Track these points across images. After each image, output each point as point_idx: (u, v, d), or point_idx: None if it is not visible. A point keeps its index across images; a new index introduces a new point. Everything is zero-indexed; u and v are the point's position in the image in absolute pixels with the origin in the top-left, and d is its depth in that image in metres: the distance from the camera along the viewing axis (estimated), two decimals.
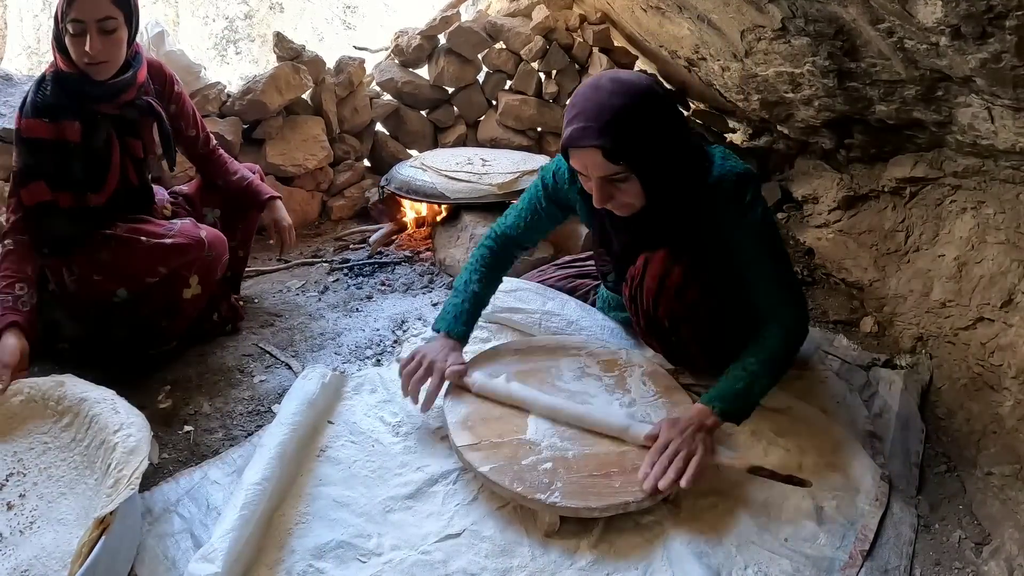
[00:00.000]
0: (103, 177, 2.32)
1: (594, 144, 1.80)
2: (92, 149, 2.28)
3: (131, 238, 2.28)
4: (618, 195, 1.92)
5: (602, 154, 1.81)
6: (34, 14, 8.63)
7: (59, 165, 2.23)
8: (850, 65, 2.41)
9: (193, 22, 9.52)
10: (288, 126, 3.88)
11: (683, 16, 3.10)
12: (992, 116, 2.09)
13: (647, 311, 2.16)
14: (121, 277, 2.29)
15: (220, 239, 2.46)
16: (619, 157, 1.81)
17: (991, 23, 1.61)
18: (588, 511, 1.77)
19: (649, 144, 1.83)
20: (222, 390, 2.39)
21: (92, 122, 2.26)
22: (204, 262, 2.38)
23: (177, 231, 2.34)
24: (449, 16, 4.27)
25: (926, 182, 2.83)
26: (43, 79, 2.24)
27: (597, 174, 1.86)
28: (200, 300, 2.45)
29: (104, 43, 2.13)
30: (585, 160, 1.86)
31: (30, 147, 2.22)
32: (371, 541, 1.76)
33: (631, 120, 1.80)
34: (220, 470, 2.00)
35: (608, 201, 1.92)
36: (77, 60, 2.16)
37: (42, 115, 2.20)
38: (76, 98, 2.23)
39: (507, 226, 2.41)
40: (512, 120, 4.43)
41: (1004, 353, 2.31)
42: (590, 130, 1.80)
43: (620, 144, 1.79)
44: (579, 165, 1.90)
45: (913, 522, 1.92)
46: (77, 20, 2.08)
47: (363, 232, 3.82)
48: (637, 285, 2.14)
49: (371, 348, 2.66)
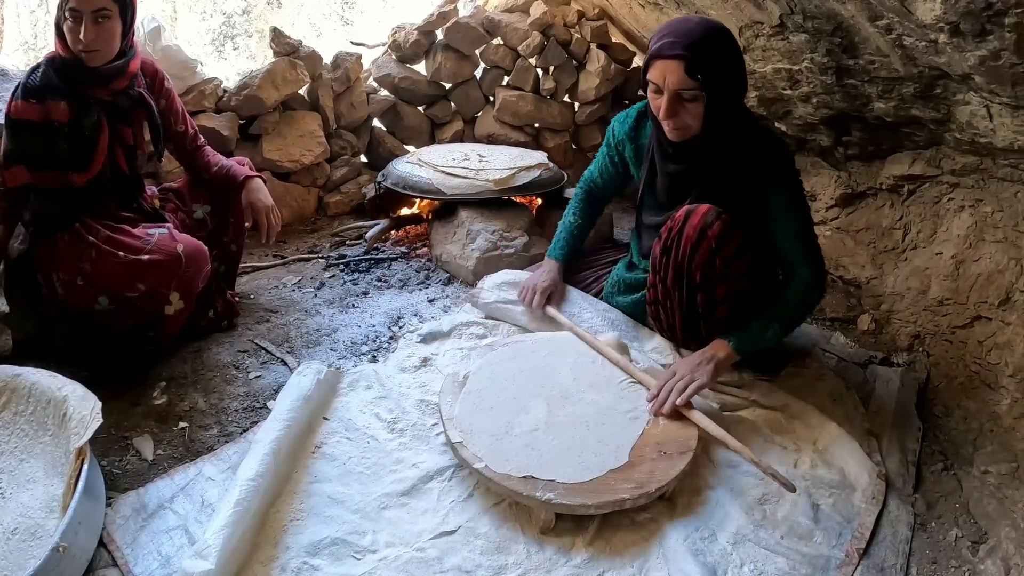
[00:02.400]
0: (88, 158, 2.38)
1: (679, 54, 1.98)
2: (79, 130, 2.34)
3: (109, 251, 2.29)
4: (682, 113, 2.07)
5: (684, 66, 1.98)
6: (31, 9, 8.60)
7: (44, 145, 2.30)
8: (848, 62, 2.40)
9: (191, 17, 9.49)
10: (285, 122, 3.87)
11: (681, 12, 3.09)
12: (991, 114, 2.08)
13: (679, 263, 2.18)
14: (102, 287, 2.29)
15: (198, 252, 2.42)
16: (697, 71, 1.98)
17: (990, 20, 1.61)
18: (584, 508, 1.77)
19: (724, 71, 2.03)
20: (217, 386, 2.39)
21: (83, 105, 2.33)
22: (183, 279, 2.35)
23: (154, 245, 2.32)
24: (447, 12, 4.25)
25: (924, 180, 2.82)
26: (37, 66, 2.32)
27: (672, 87, 2.02)
28: (184, 313, 2.44)
29: (98, 32, 2.23)
30: (665, 71, 2.02)
31: (16, 129, 2.28)
32: (366, 538, 1.75)
33: (714, 47, 2.01)
34: (215, 467, 2.00)
35: (672, 116, 2.07)
36: (72, 46, 2.25)
37: (30, 97, 2.27)
38: (67, 81, 2.30)
39: (590, 171, 2.77)
40: (509, 116, 4.43)
41: (1001, 351, 2.31)
42: (677, 44, 1.99)
43: (702, 60, 1.97)
44: (657, 76, 2.05)
45: (910, 520, 1.91)
46: (75, 9, 2.19)
47: (359, 228, 3.81)
48: (676, 233, 2.17)
49: (367, 344, 2.65)
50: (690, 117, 2.08)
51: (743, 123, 2.19)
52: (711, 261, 2.12)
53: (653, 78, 2.07)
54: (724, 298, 2.19)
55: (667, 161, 2.28)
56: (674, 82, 2.01)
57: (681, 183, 2.27)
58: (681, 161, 2.24)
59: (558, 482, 1.80)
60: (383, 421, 2.16)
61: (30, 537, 1.72)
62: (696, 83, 2.00)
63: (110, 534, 1.76)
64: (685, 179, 2.26)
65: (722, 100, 2.07)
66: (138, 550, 1.73)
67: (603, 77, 4.36)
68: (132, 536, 1.76)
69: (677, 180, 2.28)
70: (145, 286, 2.27)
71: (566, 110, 4.58)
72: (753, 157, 2.17)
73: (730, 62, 2.06)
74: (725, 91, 2.06)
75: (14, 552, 1.68)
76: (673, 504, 1.88)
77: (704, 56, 1.98)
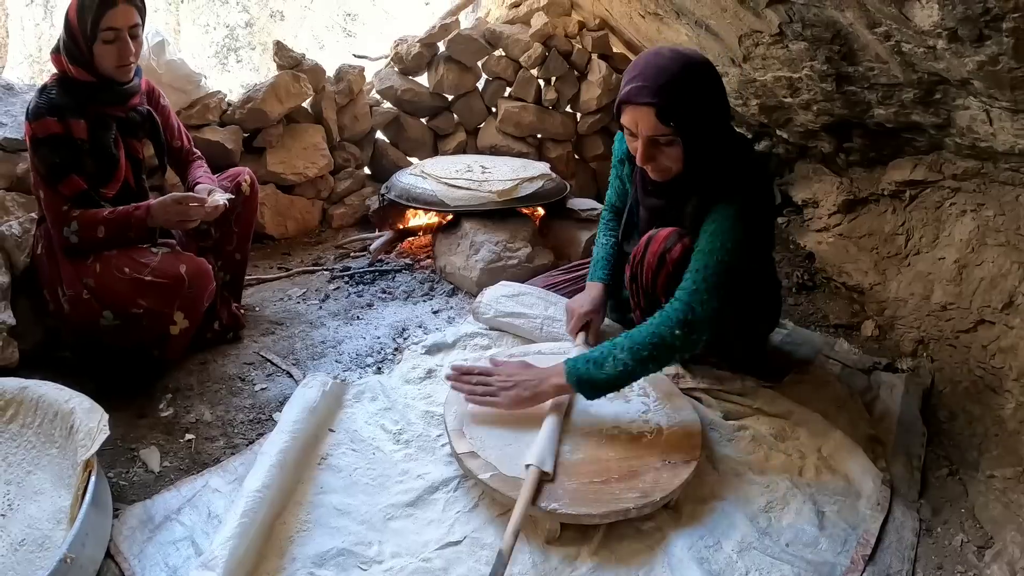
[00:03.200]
0: (111, 173, 2.42)
1: (648, 102, 1.90)
2: (102, 146, 2.37)
3: (113, 267, 2.30)
4: (660, 157, 2.01)
5: (654, 113, 1.90)
6: (35, 23, 8.67)
7: (75, 159, 2.32)
8: (848, 69, 2.41)
9: (194, 30, 9.55)
10: (288, 134, 3.89)
11: (681, 22, 3.11)
12: (990, 118, 2.09)
13: (646, 288, 2.17)
14: (106, 302, 2.30)
15: (201, 271, 2.40)
16: (669, 118, 1.90)
17: (988, 26, 1.62)
18: (588, 518, 1.77)
19: (699, 111, 1.93)
20: (223, 398, 2.40)
21: (100, 122, 2.36)
22: (186, 299, 2.35)
23: (157, 264, 2.32)
24: (448, 24, 4.28)
25: (926, 185, 2.83)
26: (45, 87, 2.33)
27: (646, 133, 1.95)
28: (189, 331, 2.44)
29: (134, 47, 2.31)
30: (636, 116, 1.95)
31: (49, 145, 2.28)
32: (372, 549, 1.75)
33: (686, 87, 1.90)
34: (221, 478, 2.00)
35: (650, 161, 2.01)
36: (110, 64, 2.29)
37: (50, 115, 2.27)
38: (83, 101, 2.32)
39: (608, 194, 2.67)
40: (512, 127, 4.44)
41: (1005, 355, 2.31)
42: (646, 89, 1.90)
43: (672, 106, 1.89)
44: (630, 122, 1.98)
45: (915, 526, 1.91)
46: (112, 28, 2.24)
47: (363, 240, 3.82)
48: (638, 261, 2.17)
49: (372, 356, 2.66)
50: (668, 160, 2.02)
51: (728, 154, 2.07)
52: (673, 284, 2.03)
53: (626, 123, 2.00)
54: None
55: (647, 196, 2.26)
56: (647, 129, 1.94)
57: (660, 218, 2.22)
58: (661, 196, 2.20)
59: (563, 492, 1.81)
60: (388, 432, 2.16)
61: (37, 548, 1.73)
62: (670, 129, 1.92)
63: (117, 545, 1.76)
64: (664, 214, 2.21)
65: (700, 140, 1.98)
66: (145, 561, 1.73)
67: (604, 87, 4.37)
68: (139, 547, 1.77)
69: (657, 215, 2.24)
70: (147, 304, 2.28)
71: (568, 120, 4.59)
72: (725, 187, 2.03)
73: (705, 100, 1.96)
74: (702, 131, 1.97)
75: (21, 563, 1.69)
76: (678, 513, 1.88)
77: (676, 100, 1.89)
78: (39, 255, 2.43)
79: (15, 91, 2.96)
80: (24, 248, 2.51)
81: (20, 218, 2.56)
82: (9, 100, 2.83)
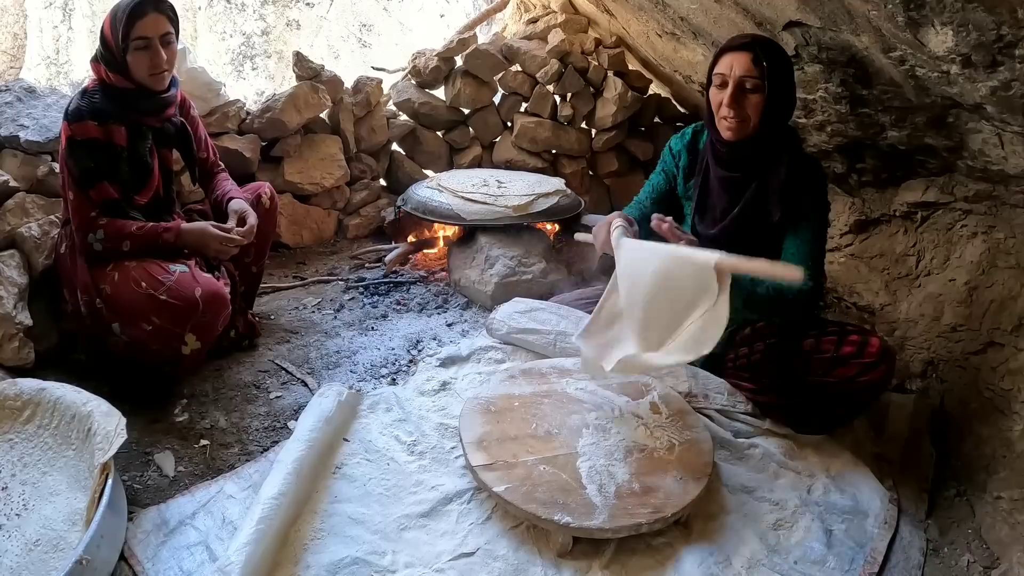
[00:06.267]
0: (145, 181, 2.47)
1: (747, 44, 2.14)
2: (138, 155, 2.42)
3: (131, 278, 2.29)
4: (744, 103, 2.16)
5: (751, 57, 2.12)
6: (53, 25, 8.74)
7: (111, 165, 2.36)
8: (862, 92, 2.44)
9: (211, 37, 9.61)
10: (306, 144, 3.93)
11: (697, 42, 3.14)
12: (1002, 142, 2.11)
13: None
14: (117, 312, 2.31)
15: (217, 297, 2.36)
16: (762, 61, 2.11)
17: (1001, 52, 1.64)
18: (600, 532, 1.79)
19: (783, 71, 2.17)
20: (238, 405, 2.42)
21: (137, 131, 2.41)
22: (199, 323, 2.32)
23: (174, 284, 2.28)
24: (466, 38, 4.31)
25: (937, 207, 2.84)
26: (86, 90, 2.36)
27: (739, 73, 2.13)
28: (202, 352, 2.43)
29: (167, 54, 2.34)
30: (733, 60, 2.15)
31: (87, 149, 2.32)
32: (385, 558, 1.78)
33: (777, 49, 2.18)
34: (236, 485, 2.03)
35: (735, 105, 2.16)
36: (143, 72, 2.33)
37: (90, 118, 2.31)
38: (123, 108, 2.36)
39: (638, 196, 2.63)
40: (527, 142, 4.47)
41: (1014, 377, 2.32)
42: (747, 39, 2.17)
43: (766, 54, 2.12)
44: (725, 67, 2.17)
45: (922, 546, 1.93)
46: (143, 37, 2.28)
47: (379, 251, 3.85)
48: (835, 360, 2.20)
49: (386, 367, 2.68)
50: (749, 108, 2.16)
51: (792, 140, 2.29)
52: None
53: (720, 69, 2.17)
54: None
55: (719, 167, 2.32)
56: (740, 70, 2.12)
57: (733, 190, 2.30)
58: (733, 166, 2.28)
59: (575, 506, 1.83)
60: (403, 443, 2.18)
61: (52, 549, 1.76)
62: (760, 72, 2.11)
63: (131, 548, 1.79)
64: (736, 186, 2.30)
65: (779, 99, 2.16)
66: (159, 565, 1.76)
67: (620, 104, 4.38)
68: (153, 551, 1.79)
69: (730, 187, 2.31)
70: (159, 322, 2.26)
71: (583, 137, 4.60)
72: (798, 178, 2.22)
73: (788, 68, 2.19)
74: (783, 91, 2.17)
75: (36, 563, 1.72)
76: (688, 529, 1.90)
77: (770, 51, 2.13)
78: (62, 254, 2.45)
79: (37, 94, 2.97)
80: (43, 250, 2.53)
81: (40, 220, 2.58)
82: (31, 103, 2.85)
